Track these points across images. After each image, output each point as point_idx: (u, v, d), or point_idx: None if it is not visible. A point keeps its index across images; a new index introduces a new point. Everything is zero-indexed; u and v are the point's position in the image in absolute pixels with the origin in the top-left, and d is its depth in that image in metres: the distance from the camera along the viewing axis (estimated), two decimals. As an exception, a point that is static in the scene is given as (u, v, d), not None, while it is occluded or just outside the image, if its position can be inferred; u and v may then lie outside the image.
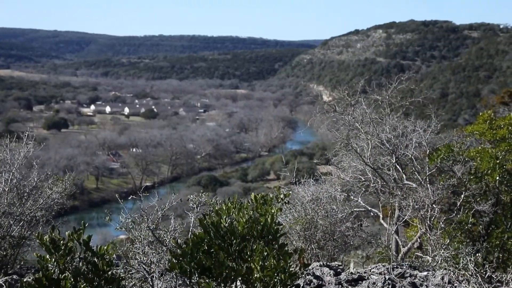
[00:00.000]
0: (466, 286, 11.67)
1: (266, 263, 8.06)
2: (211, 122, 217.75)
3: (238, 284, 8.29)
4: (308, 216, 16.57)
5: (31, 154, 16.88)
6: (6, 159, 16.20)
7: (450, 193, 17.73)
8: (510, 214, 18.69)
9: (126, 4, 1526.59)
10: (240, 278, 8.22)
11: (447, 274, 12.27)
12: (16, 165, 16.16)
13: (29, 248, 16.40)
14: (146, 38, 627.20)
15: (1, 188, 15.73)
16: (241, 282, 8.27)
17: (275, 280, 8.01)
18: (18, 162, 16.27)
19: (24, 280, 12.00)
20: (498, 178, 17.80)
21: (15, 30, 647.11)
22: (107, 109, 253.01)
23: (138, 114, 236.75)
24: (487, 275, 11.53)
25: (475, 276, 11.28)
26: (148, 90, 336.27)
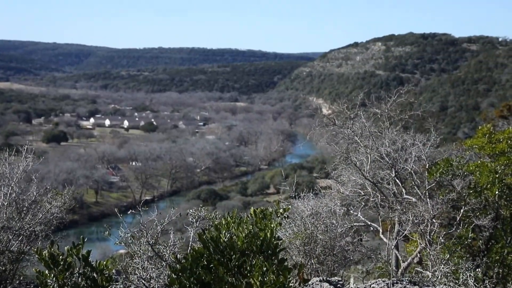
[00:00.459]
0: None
1: (265, 279, 8.04)
2: (210, 135, 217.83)
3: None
4: (307, 231, 16.55)
5: (30, 168, 16.86)
6: (5, 173, 16.17)
7: (449, 207, 17.69)
8: (510, 229, 18.64)
9: (126, 16, 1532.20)
10: (239, 294, 8.18)
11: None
12: (15, 179, 16.13)
13: (28, 263, 16.30)
14: (145, 51, 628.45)
15: (0, 203, 15.69)
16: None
17: (275, 295, 7.98)
18: (17, 176, 16.24)
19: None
20: (497, 192, 17.75)
21: (15, 42, 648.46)
22: (107, 122, 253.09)
23: (138, 127, 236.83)
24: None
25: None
26: (147, 103, 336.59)
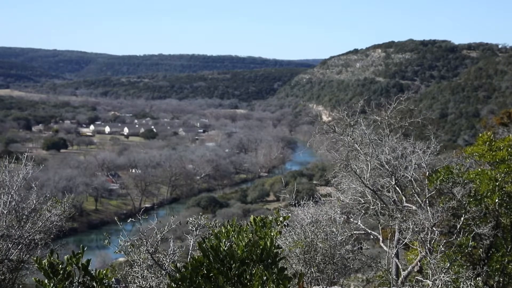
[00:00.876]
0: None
1: (265, 288, 8.01)
2: (210, 142, 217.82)
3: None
4: (307, 239, 16.51)
5: (30, 175, 16.83)
6: (5, 181, 16.15)
7: (450, 215, 17.66)
8: (511, 237, 18.61)
9: (126, 23, 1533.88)
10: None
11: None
12: (15, 187, 16.11)
13: (27, 272, 16.26)
14: (145, 57, 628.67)
15: (-1, 211, 15.67)
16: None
17: (275, 305, 7.95)
18: (17, 184, 16.22)
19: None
20: (497, 200, 17.74)
21: (15, 49, 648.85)
22: (107, 129, 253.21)
23: (138, 134, 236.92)
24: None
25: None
26: (147, 110, 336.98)
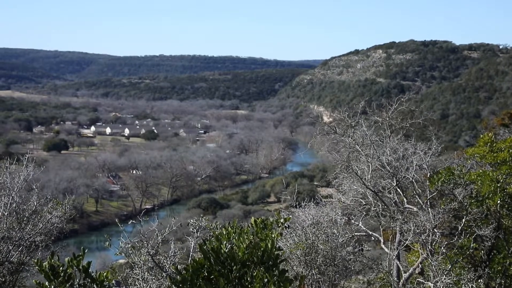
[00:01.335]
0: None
1: (266, 290, 7.98)
2: (211, 143, 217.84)
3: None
4: (308, 241, 16.49)
5: (31, 177, 16.82)
6: (6, 183, 16.13)
7: (451, 217, 17.62)
8: (512, 238, 18.56)
9: (127, 23, 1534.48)
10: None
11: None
12: (15, 188, 16.09)
13: (28, 274, 16.24)
14: (146, 58, 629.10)
15: (0, 213, 15.63)
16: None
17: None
18: (17, 186, 16.20)
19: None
20: (499, 202, 17.70)
21: (16, 50, 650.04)
22: (108, 130, 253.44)
23: (138, 135, 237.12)
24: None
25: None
26: (148, 110, 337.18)
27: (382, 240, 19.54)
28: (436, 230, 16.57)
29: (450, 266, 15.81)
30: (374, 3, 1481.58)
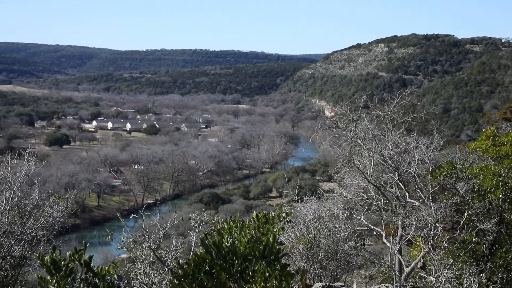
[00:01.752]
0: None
1: (268, 284, 7.96)
2: (213, 138, 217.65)
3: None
4: (310, 235, 16.49)
5: (32, 172, 16.83)
6: (8, 177, 16.14)
7: (453, 211, 17.60)
8: (514, 233, 18.51)
9: (128, 18, 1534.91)
10: (242, 300, 8.12)
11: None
12: (17, 183, 16.10)
13: (30, 268, 16.27)
14: (148, 53, 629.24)
15: (2, 207, 15.64)
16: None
17: (277, 302, 7.91)
18: (19, 180, 16.21)
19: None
20: (501, 196, 17.65)
21: (17, 45, 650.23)
22: (109, 124, 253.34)
23: (140, 130, 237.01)
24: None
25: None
26: (150, 105, 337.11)
27: (384, 235, 19.52)
28: (438, 225, 16.56)
29: (452, 261, 15.80)
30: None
